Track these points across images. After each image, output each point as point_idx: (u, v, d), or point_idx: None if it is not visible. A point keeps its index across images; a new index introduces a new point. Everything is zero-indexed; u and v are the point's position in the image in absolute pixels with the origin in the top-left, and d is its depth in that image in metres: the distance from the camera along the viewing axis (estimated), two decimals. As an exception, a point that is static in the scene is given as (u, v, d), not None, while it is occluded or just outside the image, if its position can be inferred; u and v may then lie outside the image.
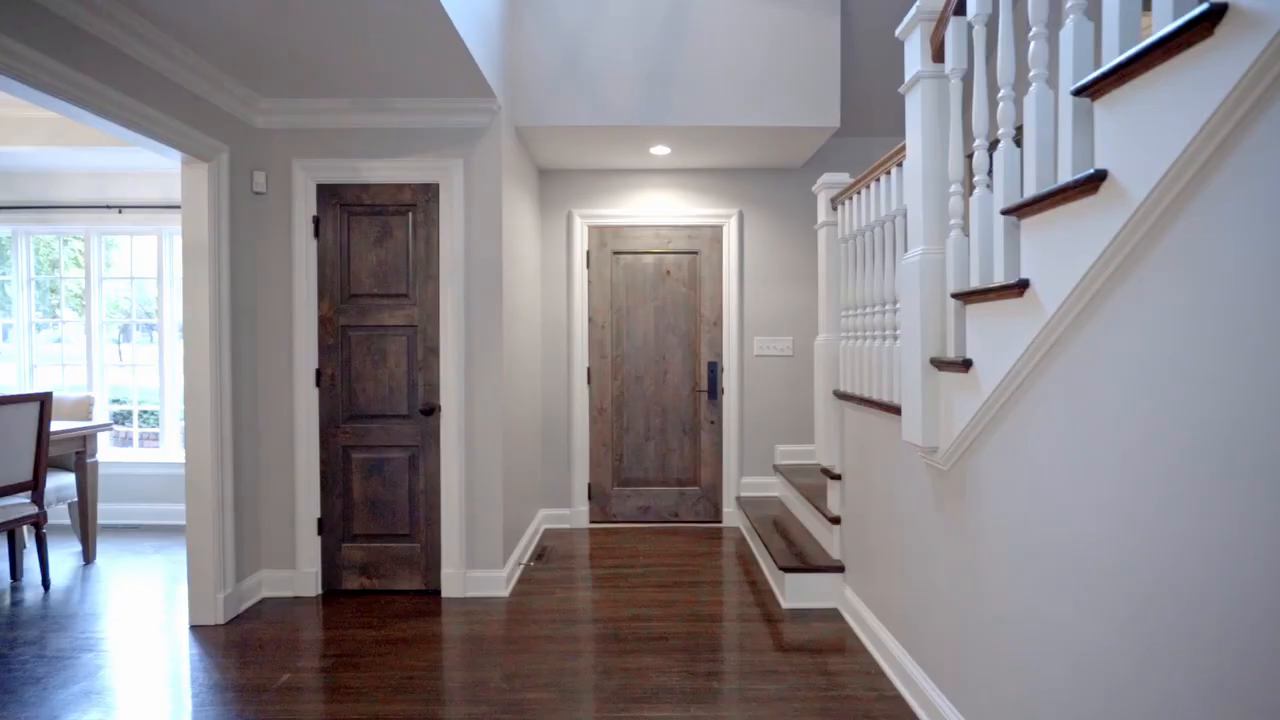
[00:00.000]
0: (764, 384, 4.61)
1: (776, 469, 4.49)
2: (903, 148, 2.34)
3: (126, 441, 4.83)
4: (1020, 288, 1.62)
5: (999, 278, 1.74)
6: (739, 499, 4.54)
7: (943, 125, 2.08)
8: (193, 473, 2.98)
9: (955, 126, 2.00)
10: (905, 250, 2.41)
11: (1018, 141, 2.91)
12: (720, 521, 4.63)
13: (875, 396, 2.69)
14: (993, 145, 2.85)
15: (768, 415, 4.61)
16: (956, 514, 2.02)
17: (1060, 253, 1.48)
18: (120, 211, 4.58)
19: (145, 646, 2.79)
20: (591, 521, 4.63)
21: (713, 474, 4.62)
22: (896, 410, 2.41)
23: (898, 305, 2.48)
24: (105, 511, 4.64)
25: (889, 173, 2.53)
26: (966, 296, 1.89)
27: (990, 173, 2.53)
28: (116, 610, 3.17)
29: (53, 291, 4.87)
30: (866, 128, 4.50)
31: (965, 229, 2.02)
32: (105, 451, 4.72)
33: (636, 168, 4.56)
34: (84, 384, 4.72)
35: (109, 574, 3.67)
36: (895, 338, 2.51)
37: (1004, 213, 1.69)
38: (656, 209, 4.58)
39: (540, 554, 4.04)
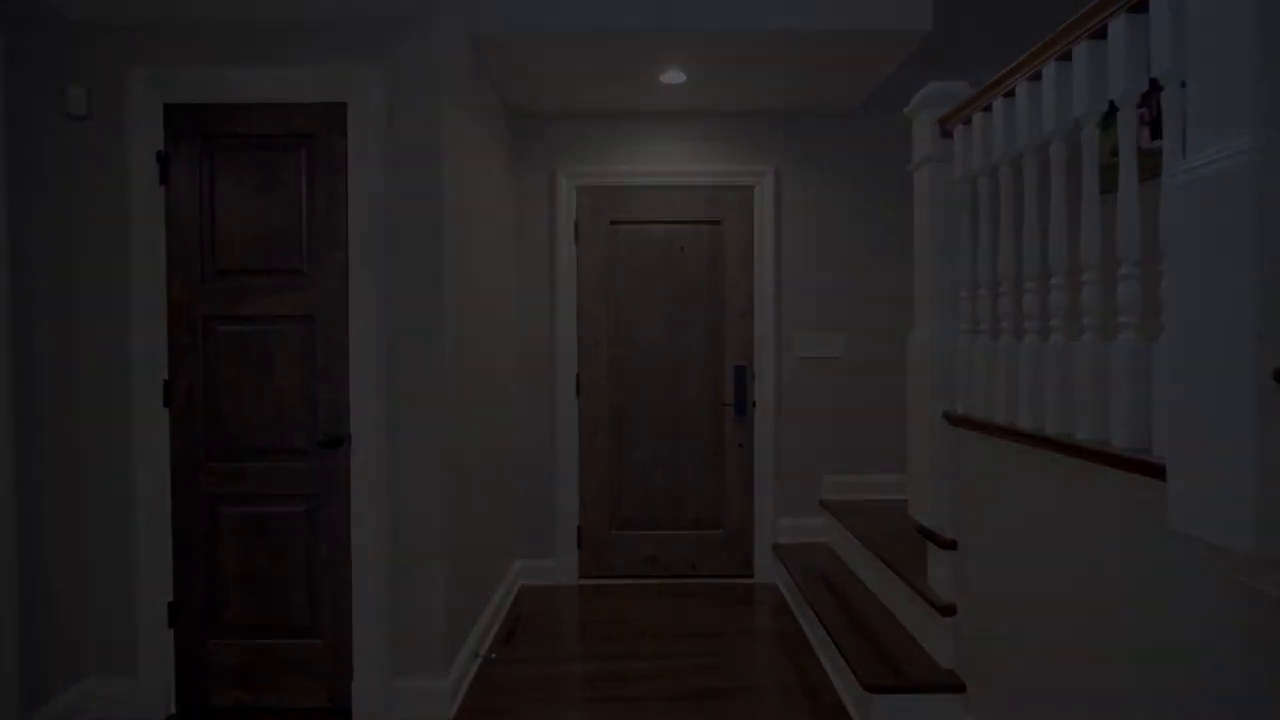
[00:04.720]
0: (808, 395, 3.51)
1: (825, 506, 3.40)
2: (1153, -29, 1.25)
3: None
4: None
5: None
6: (775, 546, 3.44)
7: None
8: (-61, 548, 1.88)
9: None
10: (1166, 161, 1.31)
11: None
12: (751, 576, 3.53)
13: (1048, 433, 1.59)
14: None
15: (813, 436, 3.51)
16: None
17: None
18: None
19: None
20: (582, 576, 3.53)
21: (741, 513, 3.52)
22: (1129, 465, 1.31)
23: (1123, 272, 1.38)
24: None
25: (1099, 34, 1.44)
26: None
27: None
28: None
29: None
30: (945, 56, 3.39)
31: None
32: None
33: (641, 109, 3.46)
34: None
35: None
36: (1116, 331, 1.42)
37: None
38: (667, 165, 3.48)
39: (511, 631, 2.94)
